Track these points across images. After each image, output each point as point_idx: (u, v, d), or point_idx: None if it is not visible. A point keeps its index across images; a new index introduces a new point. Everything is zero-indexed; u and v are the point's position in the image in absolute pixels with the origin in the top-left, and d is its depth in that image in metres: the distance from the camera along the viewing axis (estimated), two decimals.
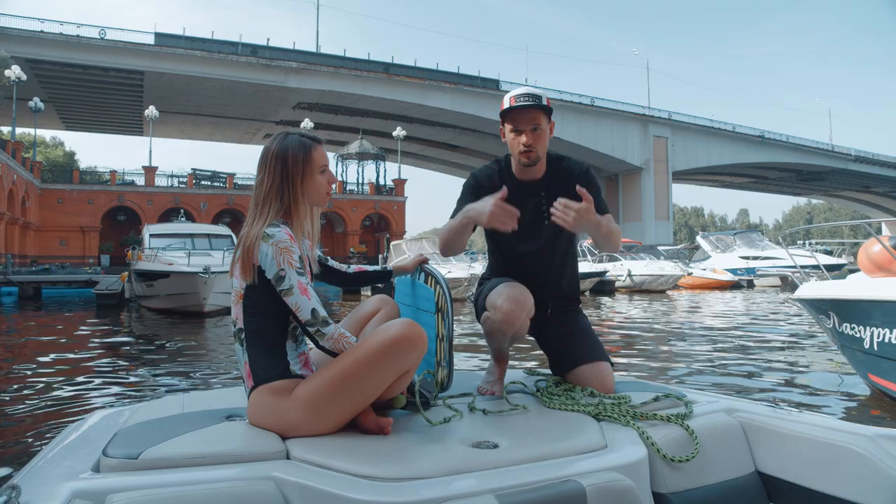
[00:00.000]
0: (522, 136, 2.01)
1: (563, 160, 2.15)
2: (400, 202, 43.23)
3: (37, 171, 34.58)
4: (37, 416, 4.45)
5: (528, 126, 2.01)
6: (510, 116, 2.03)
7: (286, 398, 1.57)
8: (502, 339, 2.02)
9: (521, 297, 1.96)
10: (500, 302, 1.97)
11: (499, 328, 1.99)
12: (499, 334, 2.01)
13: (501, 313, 1.96)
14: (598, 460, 1.47)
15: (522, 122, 2.01)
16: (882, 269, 4.70)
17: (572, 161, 2.15)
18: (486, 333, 2.07)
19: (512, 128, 2.04)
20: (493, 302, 1.99)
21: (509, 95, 2.04)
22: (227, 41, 42.39)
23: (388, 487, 1.28)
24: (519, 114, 2.01)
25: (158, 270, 14.29)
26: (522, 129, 2.01)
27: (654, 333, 9.90)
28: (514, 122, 2.03)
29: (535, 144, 2.02)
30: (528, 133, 2.01)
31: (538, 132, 2.02)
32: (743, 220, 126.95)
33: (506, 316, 1.95)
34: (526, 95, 2.01)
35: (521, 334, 2.05)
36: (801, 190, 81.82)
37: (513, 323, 1.96)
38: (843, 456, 1.53)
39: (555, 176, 2.11)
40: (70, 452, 1.50)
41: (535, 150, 2.03)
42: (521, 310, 1.95)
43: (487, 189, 2.06)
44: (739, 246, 31.79)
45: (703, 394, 2.02)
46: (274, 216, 1.67)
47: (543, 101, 2.01)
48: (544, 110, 2.01)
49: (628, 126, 53.10)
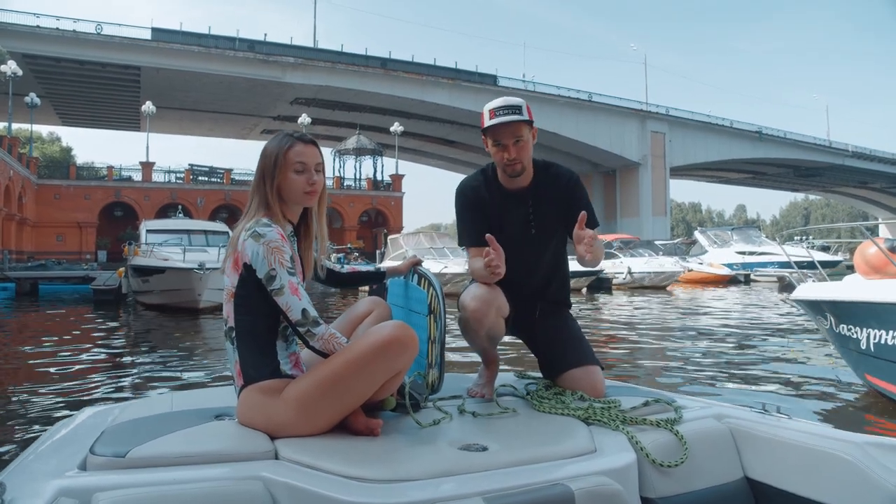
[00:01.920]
0: (505, 151, 1.99)
1: (550, 167, 2.14)
2: (397, 197, 43.20)
3: (33, 166, 34.50)
4: (24, 413, 4.44)
5: (511, 140, 1.99)
6: (491, 131, 2.00)
7: (276, 398, 1.57)
8: (475, 336, 2.03)
9: (489, 296, 1.97)
10: (467, 301, 1.99)
11: (468, 326, 2.01)
12: (471, 332, 2.02)
13: (469, 312, 1.97)
14: (587, 464, 1.47)
15: (504, 136, 1.99)
16: (877, 271, 4.72)
17: (560, 168, 2.15)
18: (462, 333, 2.08)
19: (494, 142, 2.01)
20: (462, 302, 2.02)
21: (488, 108, 2.01)
22: (225, 36, 42.24)
23: (377, 489, 1.28)
24: (500, 128, 1.98)
25: (154, 266, 14.30)
26: (505, 143, 1.99)
27: (650, 334, 9.91)
28: (495, 136, 2.00)
29: (520, 156, 2.00)
30: (511, 147, 1.99)
31: (521, 144, 1.99)
32: (740, 216, 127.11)
33: (473, 314, 1.96)
34: (506, 108, 1.97)
35: (497, 333, 2.05)
36: (799, 185, 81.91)
37: (481, 321, 1.97)
38: (832, 463, 1.53)
39: (542, 184, 2.10)
40: (57, 450, 1.50)
41: (521, 161, 2.01)
42: (489, 308, 1.96)
43: (478, 202, 2.10)
44: (736, 241, 31.89)
45: (693, 399, 2.02)
46: (255, 213, 1.68)
47: (524, 113, 1.98)
48: (525, 120, 1.98)
49: (626, 121, 53.05)
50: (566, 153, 53.76)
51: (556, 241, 2.17)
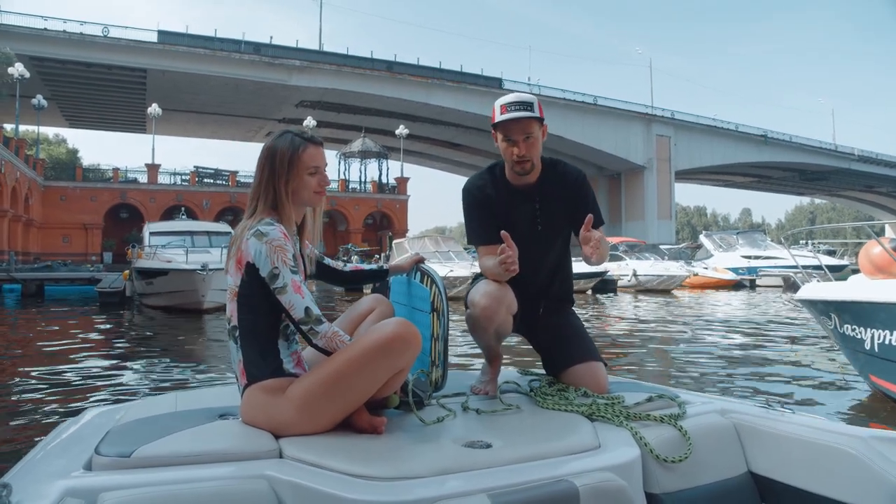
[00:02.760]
0: (515, 147, 2.00)
1: (557, 165, 2.14)
2: (402, 200, 43.26)
3: (40, 168, 34.69)
4: (30, 414, 4.45)
5: (521, 136, 1.99)
6: (502, 126, 2.01)
7: (280, 397, 1.57)
8: (484, 334, 2.03)
9: (499, 293, 1.97)
10: (477, 298, 1.98)
11: (478, 323, 2.00)
12: (480, 330, 2.02)
13: (479, 309, 1.97)
14: (592, 460, 1.47)
15: (515, 132, 1.99)
16: (882, 271, 4.70)
17: (568, 166, 2.15)
18: (470, 330, 2.08)
19: (504, 137, 2.02)
20: (472, 298, 2.01)
21: (500, 103, 2.01)
22: (231, 39, 42.41)
23: (382, 487, 1.28)
24: (511, 124, 1.99)
25: (157, 268, 14.33)
26: (515, 139, 1.99)
27: (654, 333, 9.89)
28: (506, 131, 2.00)
29: (529, 153, 2.00)
30: (521, 143, 1.99)
31: (531, 140, 2.00)
32: (746, 220, 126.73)
33: (483, 311, 1.96)
34: (517, 104, 1.98)
35: (505, 331, 2.06)
36: (805, 189, 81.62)
37: (491, 318, 1.97)
38: (836, 457, 1.53)
39: (549, 181, 2.10)
40: (62, 450, 1.49)
41: (530, 159, 2.02)
42: (499, 305, 1.96)
43: (484, 200, 2.10)
44: (742, 245, 31.73)
45: (697, 394, 2.02)
46: (261, 213, 1.68)
47: (535, 110, 1.99)
48: (536, 117, 1.99)
49: (631, 125, 53.00)
50: (571, 156, 53.66)
51: (562, 238, 2.17)
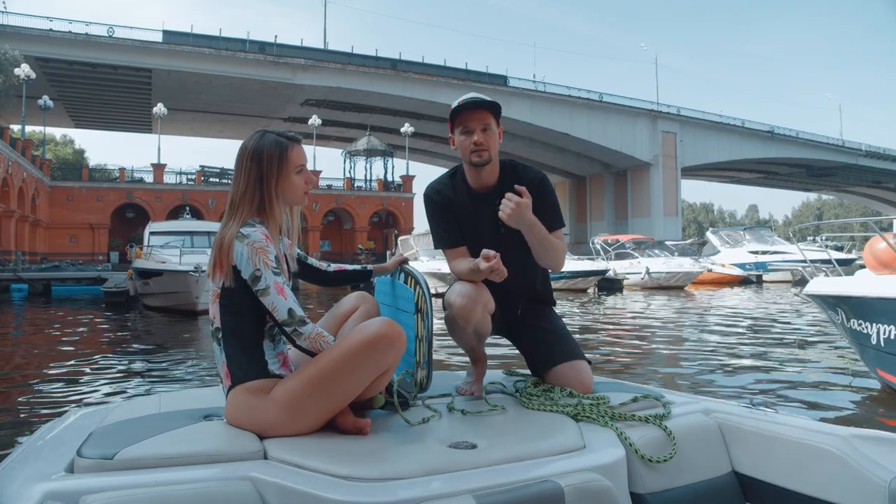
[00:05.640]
0: (473, 135, 2.02)
1: (516, 167, 2.14)
2: (408, 198, 43.28)
3: (46, 168, 34.86)
4: (11, 415, 4.42)
5: (479, 125, 2.02)
6: (460, 118, 2.03)
7: (264, 398, 1.56)
8: (462, 334, 2.02)
9: (475, 293, 1.97)
10: (453, 298, 1.99)
11: (456, 323, 2.00)
12: (458, 330, 2.02)
13: (456, 309, 1.97)
14: (577, 461, 1.47)
15: (472, 122, 2.02)
16: (887, 267, 4.69)
17: (527, 168, 2.15)
18: (449, 332, 2.08)
19: (462, 129, 2.04)
20: (448, 300, 2.02)
21: (456, 101, 2.06)
22: (235, 38, 42.49)
23: (366, 488, 1.28)
24: (468, 114, 2.02)
25: (153, 269, 14.29)
26: (472, 128, 2.02)
27: (665, 333, 9.86)
28: (463, 122, 2.03)
29: (487, 142, 2.02)
30: (479, 132, 2.01)
31: (488, 132, 2.02)
32: (752, 216, 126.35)
33: (460, 311, 1.96)
34: (474, 98, 2.03)
35: (484, 330, 2.05)
36: (812, 185, 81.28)
37: (468, 317, 1.96)
38: (818, 456, 1.54)
39: (508, 182, 2.09)
40: (44, 452, 1.48)
41: (487, 148, 2.02)
42: (475, 304, 1.96)
43: (445, 204, 2.12)
44: (749, 241, 31.71)
45: (681, 394, 2.03)
46: (248, 216, 1.66)
47: (493, 107, 2.03)
48: (493, 111, 2.03)
49: (637, 122, 52.85)
50: (577, 153, 53.63)
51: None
